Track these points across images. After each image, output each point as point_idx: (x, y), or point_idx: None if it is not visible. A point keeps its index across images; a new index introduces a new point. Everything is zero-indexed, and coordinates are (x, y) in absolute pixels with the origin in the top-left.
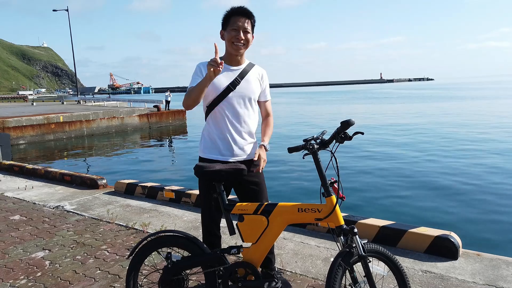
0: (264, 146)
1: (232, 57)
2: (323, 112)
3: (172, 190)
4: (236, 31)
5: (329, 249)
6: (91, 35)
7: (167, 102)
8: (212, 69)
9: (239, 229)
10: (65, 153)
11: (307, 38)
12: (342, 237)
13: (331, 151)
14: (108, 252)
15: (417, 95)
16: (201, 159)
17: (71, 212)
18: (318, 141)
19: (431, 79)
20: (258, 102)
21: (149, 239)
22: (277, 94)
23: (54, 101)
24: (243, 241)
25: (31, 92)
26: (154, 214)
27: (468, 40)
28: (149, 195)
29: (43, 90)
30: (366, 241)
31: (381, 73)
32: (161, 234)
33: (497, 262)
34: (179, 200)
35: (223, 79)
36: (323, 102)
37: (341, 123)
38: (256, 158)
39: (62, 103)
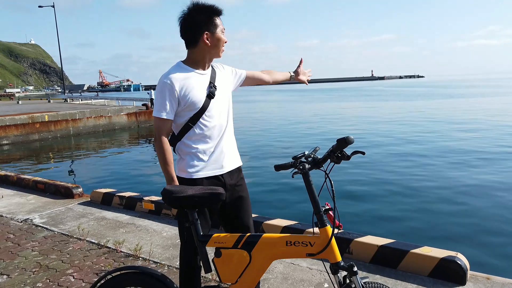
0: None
1: (205, 62)
2: (317, 111)
3: (152, 201)
4: (223, 34)
5: (322, 271)
6: (80, 32)
7: (152, 100)
8: None
9: (216, 266)
10: (50, 153)
11: (299, 35)
12: (338, 274)
13: (325, 171)
14: (73, 277)
15: (409, 93)
16: (187, 180)
17: (40, 226)
18: (309, 159)
19: (422, 76)
20: (245, 79)
21: (108, 277)
22: (268, 92)
23: (41, 99)
24: (220, 281)
25: (18, 90)
26: (130, 229)
27: (457, 38)
28: (127, 206)
29: (31, 87)
30: (367, 279)
31: (372, 71)
32: (122, 272)
33: (510, 287)
34: (159, 212)
35: (200, 89)
36: (316, 100)
37: (338, 141)
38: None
39: (49, 101)
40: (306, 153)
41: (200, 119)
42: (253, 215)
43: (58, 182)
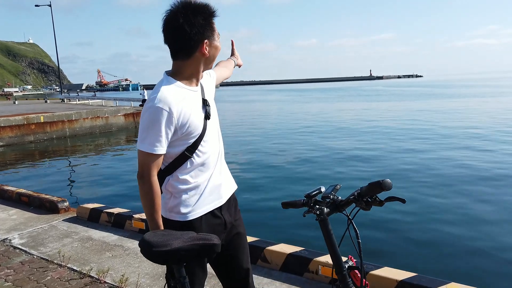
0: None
1: (199, 76)
2: (318, 112)
3: (142, 220)
4: (219, 40)
5: None
6: (79, 31)
7: (144, 101)
8: None
9: None
10: (43, 157)
11: (298, 35)
12: None
13: (348, 216)
14: None
15: (410, 93)
16: (182, 224)
17: (18, 248)
18: (328, 200)
19: (420, 76)
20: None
21: None
22: (268, 92)
23: (38, 99)
24: None
25: (16, 89)
26: (117, 253)
27: (456, 37)
28: (116, 224)
29: (29, 87)
30: None
31: (370, 70)
32: None
33: None
34: None
35: (198, 112)
36: (316, 100)
37: (370, 185)
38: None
39: (46, 101)
40: (322, 190)
41: (199, 147)
42: (254, 239)
43: (43, 195)
